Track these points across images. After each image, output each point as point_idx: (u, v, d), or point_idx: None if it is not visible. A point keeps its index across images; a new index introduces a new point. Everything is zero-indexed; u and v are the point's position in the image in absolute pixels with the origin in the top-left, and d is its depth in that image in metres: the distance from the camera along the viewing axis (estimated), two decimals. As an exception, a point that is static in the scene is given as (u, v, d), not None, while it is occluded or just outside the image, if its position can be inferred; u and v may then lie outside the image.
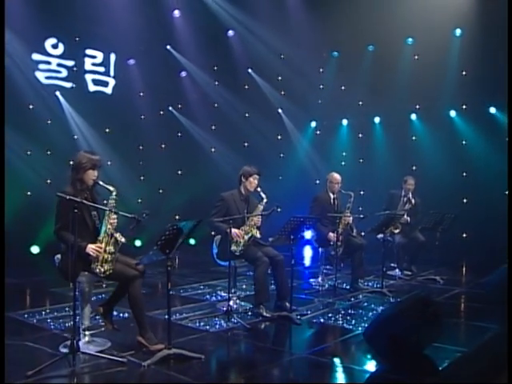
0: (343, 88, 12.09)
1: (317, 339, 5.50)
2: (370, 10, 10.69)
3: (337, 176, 7.90)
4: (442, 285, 8.01)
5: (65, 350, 4.46)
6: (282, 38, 11.72)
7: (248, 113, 12.64)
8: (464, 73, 10.55)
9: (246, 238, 5.97)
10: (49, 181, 10.62)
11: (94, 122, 11.01)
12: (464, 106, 10.78)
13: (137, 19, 10.77)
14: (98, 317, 4.99)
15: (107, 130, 11.41)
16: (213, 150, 12.64)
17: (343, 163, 12.22)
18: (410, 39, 11.25)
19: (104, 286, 6.66)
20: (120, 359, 4.36)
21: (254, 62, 12.33)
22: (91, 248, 4.54)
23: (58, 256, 4.80)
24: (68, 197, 4.40)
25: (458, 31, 10.68)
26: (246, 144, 12.70)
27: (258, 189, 6.27)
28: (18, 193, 9.82)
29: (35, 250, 10.09)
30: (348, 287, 7.59)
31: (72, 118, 10.90)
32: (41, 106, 10.31)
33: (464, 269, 9.70)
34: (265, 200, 6.17)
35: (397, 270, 8.63)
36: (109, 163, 11.49)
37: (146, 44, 11.44)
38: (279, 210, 11.29)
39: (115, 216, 4.73)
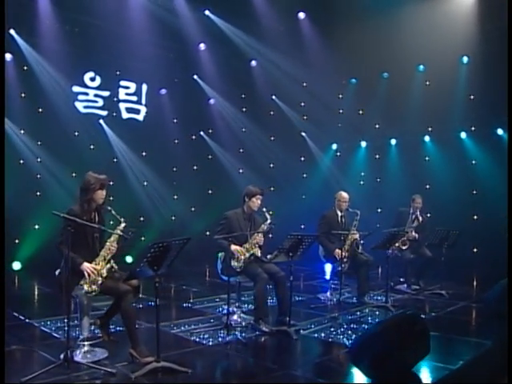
0: (361, 112, 11.73)
1: (309, 355, 5.10)
2: (384, 40, 10.34)
3: (345, 195, 7.55)
4: (447, 299, 7.49)
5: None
6: (303, 67, 11.49)
7: (273, 136, 12.38)
8: (472, 97, 10.07)
9: (247, 255, 5.67)
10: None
11: (131, 147, 11.01)
12: (473, 128, 10.27)
13: (166, 53, 10.78)
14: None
15: (144, 154, 11.38)
16: (241, 170, 12.42)
17: (362, 182, 11.86)
18: (422, 66, 10.85)
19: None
20: (110, 370, 4.12)
21: (277, 90, 12.10)
22: (86, 266, 4.35)
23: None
24: (62, 215, 4.25)
25: (465, 59, 10.24)
26: (271, 165, 12.46)
27: (264, 209, 5.96)
28: (63, 210, 9.81)
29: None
30: (355, 301, 7.17)
31: (116, 143, 10.93)
32: (84, 134, 10.37)
33: (474, 283, 9.09)
34: (268, 221, 5.85)
35: (405, 285, 8.14)
36: (145, 183, 11.50)
37: (174, 75, 11.41)
38: (302, 228, 11.13)
39: (116, 244, 4.49)
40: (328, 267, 10.82)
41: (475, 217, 10.11)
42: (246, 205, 5.97)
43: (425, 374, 4.29)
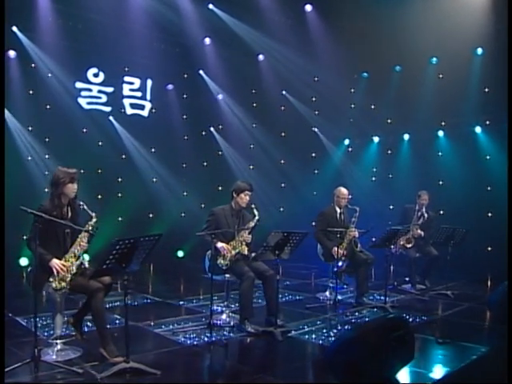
0: (373, 107, 11.37)
1: (291, 358, 4.79)
2: (396, 32, 9.96)
3: (344, 191, 7.24)
4: (452, 300, 7.15)
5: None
6: (312, 61, 11.18)
7: (284, 132, 12.15)
8: (486, 90, 9.63)
9: (233, 252, 5.48)
10: (99, 196, 10.62)
11: (139, 143, 10.94)
12: (487, 122, 9.84)
13: (170, 48, 10.68)
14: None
15: (153, 150, 11.30)
16: (251, 167, 12.22)
17: (374, 179, 11.55)
18: (434, 59, 10.44)
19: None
20: (76, 370, 4.00)
21: (287, 85, 11.84)
22: (55, 263, 4.23)
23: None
24: (30, 210, 4.13)
25: (480, 50, 9.81)
26: (282, 161, 12.21)
27: (252, 205, 5.76)
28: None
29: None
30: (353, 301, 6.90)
31: (125, 140, 10.88)
32: (92, 130, 10.33)
33: (489, 283, 8.69)
34: (257, 217, 5.65)
35: (409, 285, 7.83)
36: (154, 180, 11.41)
37: (180, 70, 11.28)
38: (313, 225, 10.86)
39: (86, 240, 4.36)
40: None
41: (489, 214, 9.68)
42: (234, 201, 5.79)
43: (406, 381, 4.02)
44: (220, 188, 12.17)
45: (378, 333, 3.96)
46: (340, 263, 6.82)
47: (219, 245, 5.47)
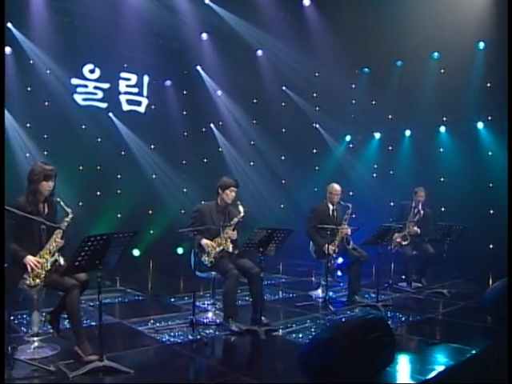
0: (374, 102, 11.23)
1: (271, 358, 4.67)
2: (397, 26, 9.80)
3: (337, 187, 7.10)
4: (448, 299, 7.00)
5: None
6: (313, 56, 11.05)
7: (284, 128, 12.03)
8: (489, 85, 9.49)
9: (218, 249, 5.40)
10: (98, 193, 10.62)
11: (139, 140, 10.91)
12: (490, 118, 9.68)
13: (167, 44, 10.62)
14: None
15: (152, 147, 11.25)
16: (251, 163, 12.13)
17: (375, 175, 11.43)
18: (436, 54, 10.30)
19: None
20: (48, 368, 3.94)
21: (287, 81, 11.73)
22: (29, 260, 4.16)
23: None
24: (6, 207, 4.05)
25: (482, 44, 9.66)
26: (282, 158, 12.11)
27: (238, 202, 5.66)
28: (71, 204, 9.80)
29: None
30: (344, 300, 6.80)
31: (124, 136, 10.85)
32: (90, 127, 10.30)
33: (490, 281, 8.51)
34: (242, 214, 5.54)
35: (405, 283, 7.68)
36: (154, 176, 11.37)
37: (176, 66, 11.22)
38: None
39: (60, 236, 4.30)
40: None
41: (491, 211, 9.55)
42: (220, 197, 5.69)
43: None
44: (220, 185, 12.11)
45: (353, 334, 3.86)
46: (332, 261, 6.71)
47: (203, 241, 5.40)
